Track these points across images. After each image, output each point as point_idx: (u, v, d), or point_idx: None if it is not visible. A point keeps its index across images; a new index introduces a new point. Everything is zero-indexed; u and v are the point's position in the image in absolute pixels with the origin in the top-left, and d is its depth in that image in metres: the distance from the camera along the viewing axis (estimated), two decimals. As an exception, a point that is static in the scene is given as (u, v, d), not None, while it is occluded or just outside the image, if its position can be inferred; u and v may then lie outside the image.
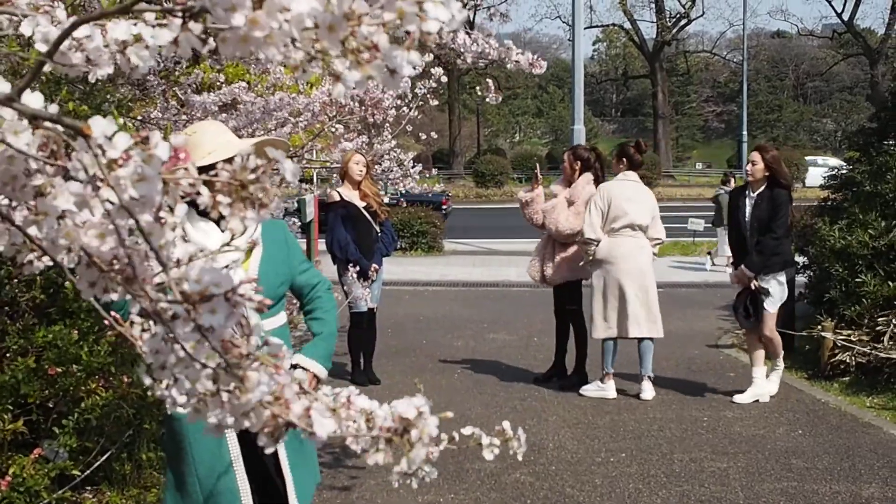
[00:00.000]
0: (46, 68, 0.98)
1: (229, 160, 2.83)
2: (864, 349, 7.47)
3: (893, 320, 7.45)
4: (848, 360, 7.57)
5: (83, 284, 0.84)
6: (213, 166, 3.02)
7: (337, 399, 1.52)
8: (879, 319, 7.59)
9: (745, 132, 48.22)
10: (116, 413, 4.45)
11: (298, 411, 0.86)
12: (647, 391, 7.36)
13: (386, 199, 8.34)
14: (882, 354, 7.33)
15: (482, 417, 6.82)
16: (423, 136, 9.04)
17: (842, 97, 68.03)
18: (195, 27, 0.73)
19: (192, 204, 3.14)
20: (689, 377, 8.13)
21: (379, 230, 7.74)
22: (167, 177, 0.88)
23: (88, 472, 4.32)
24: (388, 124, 7.26)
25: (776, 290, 6.88)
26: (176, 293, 0.77)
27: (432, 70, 6.18)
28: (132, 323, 0.93)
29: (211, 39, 0.95)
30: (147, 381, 0.84)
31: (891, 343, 7.34)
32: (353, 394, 1.53)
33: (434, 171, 10.99)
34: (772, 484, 5.36)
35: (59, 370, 4.11)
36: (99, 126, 0.73)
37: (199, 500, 3.03)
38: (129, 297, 0.87)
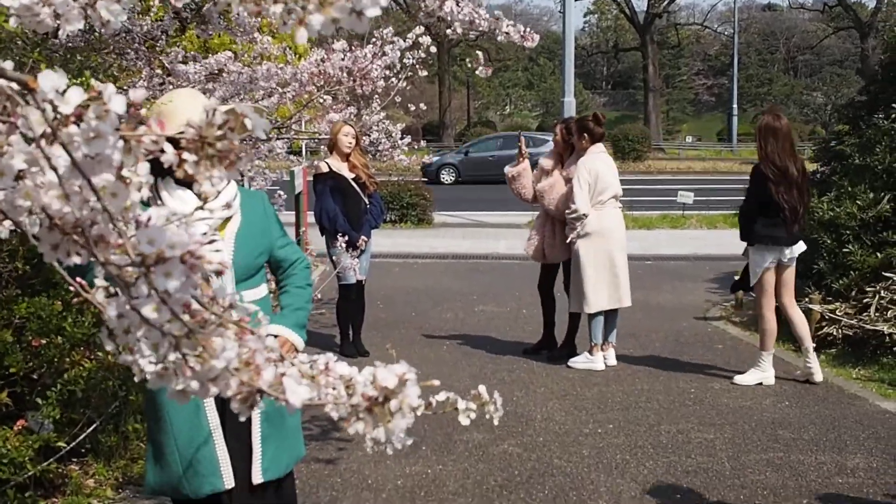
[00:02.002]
0: (13, 24, 0.95)
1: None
2: (851, 322, 7.49)
3: (881, 292, 7.46)
4: (835, 333, 7.58)
5: (45, 247, 0.82)
6: None
7: (315, 366, 1.50)
8: (867, 289, 7.61)
9: (735, 105, 48.26)
10: (102, 384, 4.43)
11: (269, 378, 0.84)
12: (612, 357, 7.55)
13: None
14: (868, 326, 7.34)
15: (471, 389, 6.79)
16: (413, 108, 9.00)
17: (832, 70, 67.96)
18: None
19: (170, 171, 3.09)
20: (676, 349, 8.14)
21: (368, 202, 7.71)
22: (128, 134, 0.85)
23: (74, 443, 4.31)
24: (376, 95, 7.21)
25: (751, 263, 6.84)
26: (132, 255, 0.74)
27: (420, 40, 6.13)
28: (97, 288, 0.91)
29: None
30: (109, 346, 0.81)
31: (877, 315, 7.35)
32: (331, 360, 1.51)
33: (423, 143, 10.97)
34: (758, 455, 5.38)
35: (42, 341, 4.08)
36: (48, 80, 0.70)
37: (178, 471, 3.01)
38: (93, 261, 0.84)
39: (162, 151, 0.85)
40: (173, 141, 2.87)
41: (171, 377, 0.80)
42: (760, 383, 6.87)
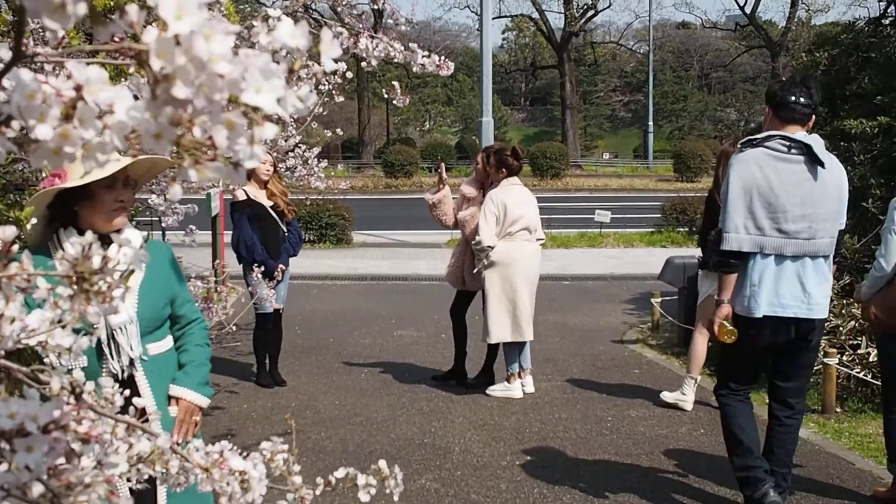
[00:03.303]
0: None
1: (111, 181, 2.66)
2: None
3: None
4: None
5: None
6: (88, 187, 2.84)
7: (209, 456, 1.44)
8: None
9: (651, 122, 49.10)
10: None
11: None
12: (530, 384, 7.56)
13: None
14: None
15: (388, 421, 6.75)
16: (330, 134, 8.92)
17: (745, 87, 69.52)
18: (9, 132, 0.65)
19: (73, 221, 2.94)
20: (594, 374, 8.18)
21: (286, 230, 7.61)
22: (-2, 273, 0.80)
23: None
24: (292, 119, 7.12)
25: (699, 286, 6.99)
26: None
27: (336, 66, 6.06)
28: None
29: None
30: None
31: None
32: (225, 449, 1.45)
33: (339, 167, 10.84)
34: (673, 486, 5.41)
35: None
36: None
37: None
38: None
39: (35, 287, 0.80)
40: (80, 190, 2.73)
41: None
42: (676, 405, 6.97)
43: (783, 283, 4.49)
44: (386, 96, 4.76)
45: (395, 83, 4.62)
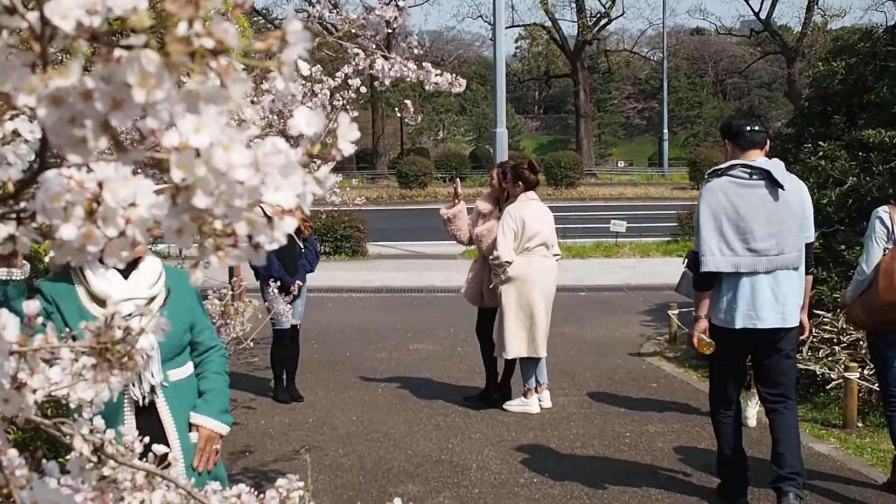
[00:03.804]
0: None
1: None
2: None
3: (812, 331, 7.53)
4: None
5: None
6: None
7: (227, 499, 1.43)
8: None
9: (665, 129, 48.95)
10: None
11: None
12: (547, 399, 7.53)
13: None
14: (800, 366, 7.40)
15: (405, 437, 6.74)
16: (344, 149, 8.92)
17: (760, 93, 69.29)
18: (33, 224, 0.64)
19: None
20: (611, 388, 8.14)
21: (303, 246, 7.64)
22: (22, 349, 0.79)
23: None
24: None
25: None
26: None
27: (350, 82, 6.06)
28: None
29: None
30: None
31: (809, 354, 7.42)
32: (243, 493, 1.44)
33: (354, 182, 10.88)
34: (696, 502, 5.37)
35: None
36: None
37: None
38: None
39: (58, 359, 0.79)
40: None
41: None
42: None
43: (759, 297, 4.91)
44: (399, 115, 4.75)
45: (408, 102, 4.62)
